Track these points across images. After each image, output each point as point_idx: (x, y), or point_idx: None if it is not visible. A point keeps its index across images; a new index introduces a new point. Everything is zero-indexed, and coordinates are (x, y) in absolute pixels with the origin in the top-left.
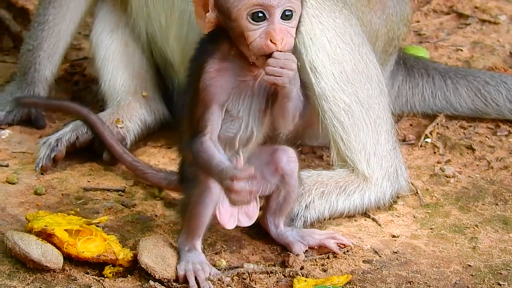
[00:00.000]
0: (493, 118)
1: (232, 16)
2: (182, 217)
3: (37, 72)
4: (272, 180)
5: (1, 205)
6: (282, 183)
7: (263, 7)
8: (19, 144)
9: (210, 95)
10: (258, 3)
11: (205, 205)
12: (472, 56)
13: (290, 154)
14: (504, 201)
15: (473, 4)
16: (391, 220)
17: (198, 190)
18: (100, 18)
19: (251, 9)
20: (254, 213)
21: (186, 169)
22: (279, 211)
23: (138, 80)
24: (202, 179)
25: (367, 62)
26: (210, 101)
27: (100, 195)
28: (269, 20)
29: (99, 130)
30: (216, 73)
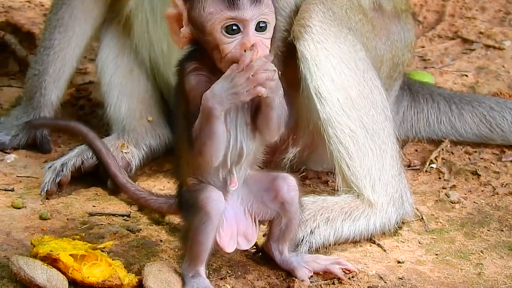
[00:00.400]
0: (498, 144)
1: (206, 30)
2: (184, 244)
3: (43, 97)
4: (272, 207)
5: (7, 229)
6: (282, 211)
7: (237, 20)
8: (24, 168)
9: (198, 93)
10: (231, 16)
11: (206, 233)
12: (477, 81)
13: (290, 182)
14: (510, 227)
15: (477, 29)
16: (396, 246)
17: (198, 218)
18: (105, 44)
19: (225, 22)
20: (253, 237)
21: (184, 194)
22: (282, 238)
23: (143, 105)
24: (201, 205)
25: (372, 88)
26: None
27: (105, 220)
28: (244, 33)
29: (104, 159)
30: (199, 83)
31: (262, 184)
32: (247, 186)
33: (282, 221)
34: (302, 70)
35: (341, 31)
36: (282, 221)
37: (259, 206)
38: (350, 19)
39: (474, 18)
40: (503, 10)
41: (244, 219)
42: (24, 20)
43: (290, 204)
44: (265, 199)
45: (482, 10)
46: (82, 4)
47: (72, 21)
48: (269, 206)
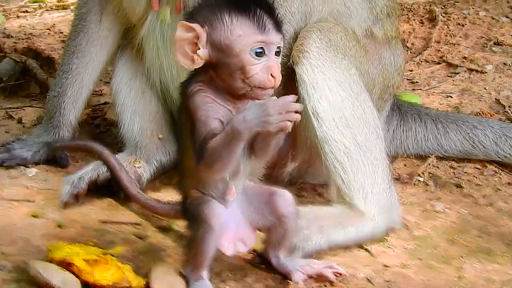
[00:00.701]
0: (481, 159)
1: (233, 52)
2: (188, 251)
3: (62, 116)
4: (269, 218)
5: (26, 237)
6: (279, 223)
7: (265, 43)
8: (44, 181)
9: (204, 113)
10: (261, 40)
11: (208, 243)
12: (461, 102)
13: (287, 198)
14: (488, 234)
15: (461, 55)
16: (383, 251)
17: (202, 230)
18: (119, 68)
19: (255, 45)
20: (251, 241)
21: (189, 206)
22: (279, 245)
23: (154, 124)
24: (205, 219)
25: (365, 108)
26: (209, 115)
27: (116, 228)
28: (268, 56)
29: (116, 174)
30: (204, 103)
31: (261, 197)
32: (246, 196)
33: (279, 231)
34: (301, 92)
35: (337, 56)
36: (279, 231)
37: (258, 215)
38: (345, 45)
39: (458, 44)
40: (484, 37)
41: (243, 225)
42: (44, 46)
43: (287, 218)
44: (263, 211)
45: (465, 37)
46: (98, 32)
47: (89, 47)
48: (267, 217)
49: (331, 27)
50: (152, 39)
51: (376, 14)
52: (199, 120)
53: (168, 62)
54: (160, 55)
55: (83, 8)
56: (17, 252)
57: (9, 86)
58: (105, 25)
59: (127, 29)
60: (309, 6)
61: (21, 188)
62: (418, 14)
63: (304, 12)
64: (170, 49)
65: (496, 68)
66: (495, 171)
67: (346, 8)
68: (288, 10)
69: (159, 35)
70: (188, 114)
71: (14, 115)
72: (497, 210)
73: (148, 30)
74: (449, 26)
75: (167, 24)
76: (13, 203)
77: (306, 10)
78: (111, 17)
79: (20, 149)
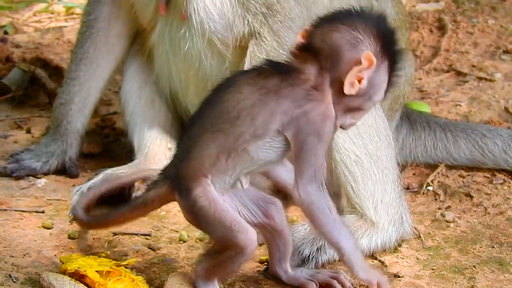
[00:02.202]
0: (490, 168)
1: (373, 98)
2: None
3: (69, 124)
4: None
5: (38, 248)
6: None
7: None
8: (54, 192)
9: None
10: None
11: (238, 265)
12: (470, 110)
13: (278, 206)
14: (500, 244)
15: (470, 63)
16: (396, 262)
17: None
18: (129, 76)
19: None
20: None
21: (192, 195)
22: (283, 258)
23: (163, 133)
24: (241, 245)
25: (376, 118)
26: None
27: (128, 239)
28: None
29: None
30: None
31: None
32: (248, 192)
33: (278, 243)
34: None
35: None
36: (278, 243)
37: (247, 212)
38: None
39: (467, 52)
40: (493, 45)
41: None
42: (53, 55)
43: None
44: (252, 211)
45: (474, 45)
46: (105, 39)
47: (96, 55)
48: (256, 218)
49: None
50: (162, 45)
51: None
52: (324, 135)
53: (177, 69)
54: (169, 61)
55: (91, 15)
56: (29, 263)
57: (17, 96)
58: (113, 32)
59: (137, 35)
60: (310, 12)
61: (31, 198)
62: (427, 22)
63: (305, 18)
64: (178, 55)
65: (505, 76)
66: (504, 180)
67: None
68: (288, 16)
69: (168, 40)
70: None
71: (23, 125)
72: (507, 219)
73: (158, 35)
74: (458, 34)
75: (175, 30)
76: (23, 214)
77: (306, 16)
78: (119, 24)
79: (29, 159)
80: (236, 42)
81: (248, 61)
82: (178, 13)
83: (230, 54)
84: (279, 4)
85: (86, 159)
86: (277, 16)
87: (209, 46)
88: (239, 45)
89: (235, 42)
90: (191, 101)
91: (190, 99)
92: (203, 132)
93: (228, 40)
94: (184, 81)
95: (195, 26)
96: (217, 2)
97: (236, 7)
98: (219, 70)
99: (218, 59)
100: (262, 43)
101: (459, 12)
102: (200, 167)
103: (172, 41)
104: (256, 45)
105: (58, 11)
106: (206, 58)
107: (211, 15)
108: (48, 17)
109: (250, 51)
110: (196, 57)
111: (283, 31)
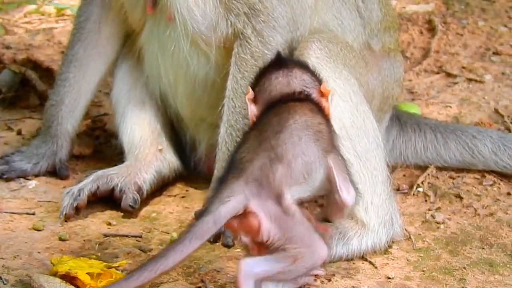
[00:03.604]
0: (480, 169)
1: None
2: None
3: (59, 126)
4: None
5: (28, 250)
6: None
7: None
8: (44, 193)
9: None
10: None
11: None
12: (460, 112)
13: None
14: (490, 245)
15: (460, 64)
16: (386, 263)
17: None
18: (119, 78)
19: None
20: None
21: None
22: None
23: (154, 135)
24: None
25: (365, 119)
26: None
27: (119, 241)
28: None
29: None
30: None
31: None
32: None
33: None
34: None
35: (337, 66)
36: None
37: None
38: (344, 55)
39: (457, 54)
40: (483, 46)
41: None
42: (44, 57)
43: None
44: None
45: (464, 47)
46: (96, 41)
47: (86, 56)
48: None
49: (331, 38)
50: (151, 45)
51: (371, 29)
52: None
53: (166, 70)
54: (158, 62)
55: (82, 17)
56: (20, 265)
57: (8, 97)
58: (103, 33)
59: (127, 36)
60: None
61: (21, 200)
62: (417, 24)
63: (289, 18)
64: (166, 56)
65: (495, 77)
66: (494, 181)
67: (338, 25)
68: (271, 16)
69: (156, 41)
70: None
71: (14, 127)
72: (497, 220)
73: (147, 36)
74: (448, 36)
75: (163, 31)
76: (14, 215)
77: (291, 15)
78: (110, 26)
79: (20, 161)
80: (221, 43)
81: (233, 62)
82: (165, 14)
83: (214, 54)
84: (261, 4)
85: (77, 161)
86: (260, 16)
87: (193, 47)
88: (224, 46)
89: (219, 43)
90: (181, 101)
91: (179, 100)
92: None
93: (211, 40)
94: (173, 82)
95: (178, 26)
96: (200, 3)
97: (219, 7)
98: (206, 71)
99: (203, 60)
100: (246, 43)
101: (449, 14)
102: None
103: (160, 42)
104: (241, 46)
105: (48, 12)
106: (192, 58)
107: (194, 16)
108: (39, 18)
109: (235, 52)
110: (183, 57)
111: (267, 31)
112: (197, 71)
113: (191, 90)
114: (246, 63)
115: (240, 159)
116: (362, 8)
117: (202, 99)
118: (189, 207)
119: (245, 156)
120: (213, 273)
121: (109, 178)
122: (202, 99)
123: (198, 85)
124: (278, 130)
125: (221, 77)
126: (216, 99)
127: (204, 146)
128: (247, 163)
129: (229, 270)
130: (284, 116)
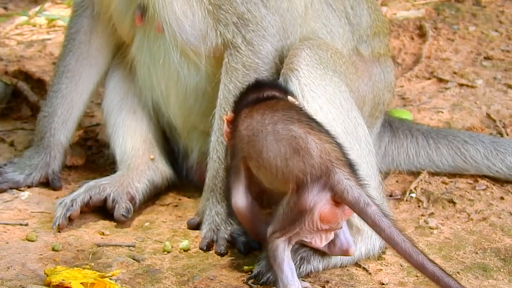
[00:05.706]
0: (472, 174)
1: None
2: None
3: (52, 137)
4: None
5: (22, 261)
6: None
7: None
8: (37, 204)
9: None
10: None
11: None
12: (452, 117)
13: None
14: (483, 250)
15: (452, 69)
16: (380, 269)
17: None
18: (110, 88)
19: None
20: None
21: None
22: None
23: (146, 144)
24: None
25: (356, 125)
26: None
27: (112, 250)
28: None
29: None
30: None
31: None
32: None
33: None
34: None
35: (327, 73)
36: None
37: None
38: (335, 62)
39: (448, 59)
40: (474, 51)
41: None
42: (35, 68)
43: None
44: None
45: (455, 52)
46: (87, 52)
47: (78, 67)
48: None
49: (321, 44)
50: (142, 56)
51: (360, 35)
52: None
53: (157, 80)
54: (150, 72)
55: (72, 28)
56: (13, 276)
57: (0, 109)
58: (94, 45)
59: (118, 47)
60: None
61: (14, 211)
62: (408, 30)
63: (279, 26)
64: (157, 66)
65: (486, 82)
66: (487, 186)
67: (327, 32)
68: (260, 25)
69: (147, 52)
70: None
71: (6, 138)
72: (490, 225)
73: (137, 47)
74: (439, 41)
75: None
76: (7, 227)
77: (280, 24)
78: (100, 36)
79: (13, 172)
80: (211, 53)
81: (224, 71)
82: (154, 25)
83: (204, 64)
84: (250, 13)
85: (70, 171)
86: (249, 26)
87: (183, 57)
88: (214, 56)
89: (209, 53)
90: (173, 111)
91: (171, 109)
92: None
93: (201, 51)
94: (165, 92)
95: (167, 37)
96: (189, 14)
97: (207, 18)
98: (196, 80)
99: (194, 70)
100: (237, 53)
101: (439, 19)
102: None
103: (151, 53)
104: (231, 55)
105: (40, 24)
106: (182, 69)
107: (182, 27)
108: (30, 30)
109: (225, 62)
110: (174, 68)
111: (257, 40)
112: (188, 81)
113: (183, 99)
114: (238, 73)
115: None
116: (351, 14)
117: (194, 108)
118: (182, 216)
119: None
120: (206, 281)
121: (102, 188)
122: (194, 108)
123: (190, 94)
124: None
125: (212, 86)
126: (208, 107)
127: (197, 154)
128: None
129: (222, 278)
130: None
